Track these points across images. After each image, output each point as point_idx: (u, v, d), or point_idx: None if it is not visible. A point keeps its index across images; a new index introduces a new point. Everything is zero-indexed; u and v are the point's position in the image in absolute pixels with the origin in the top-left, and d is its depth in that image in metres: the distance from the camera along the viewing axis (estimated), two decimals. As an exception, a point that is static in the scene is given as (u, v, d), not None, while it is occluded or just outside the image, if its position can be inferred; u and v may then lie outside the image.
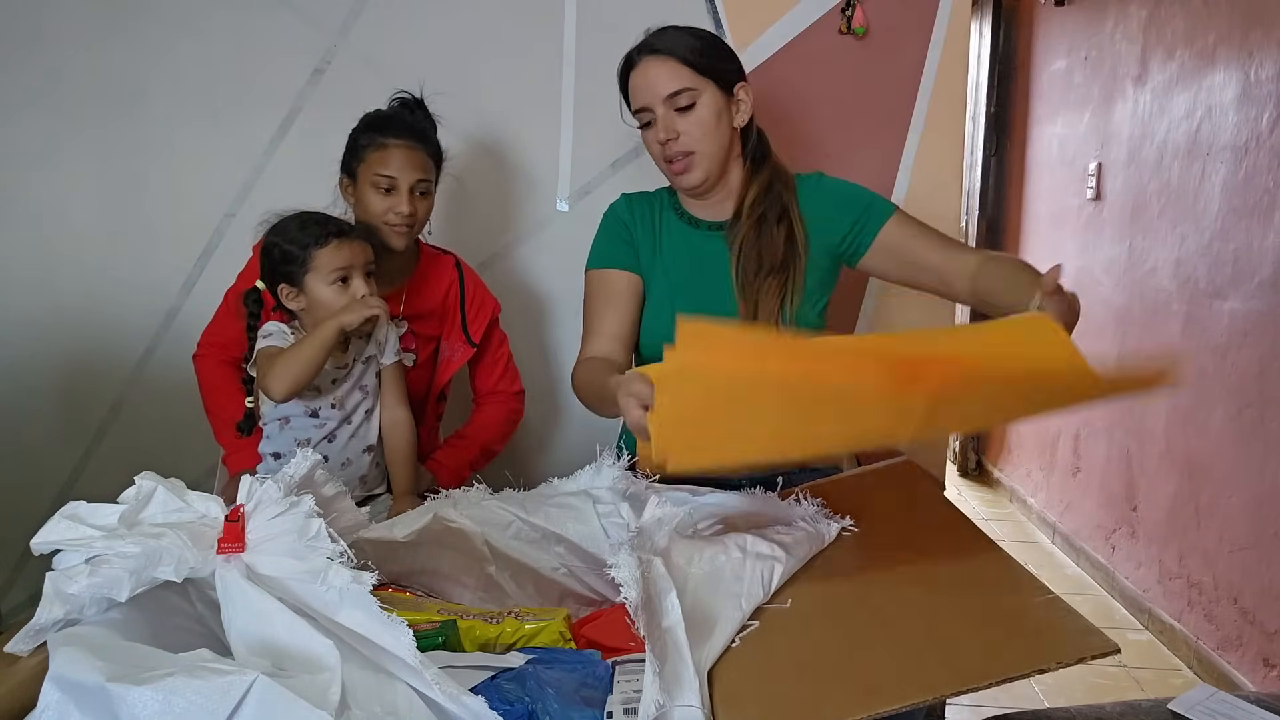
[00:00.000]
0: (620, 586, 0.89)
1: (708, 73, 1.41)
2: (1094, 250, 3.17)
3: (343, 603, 0.82)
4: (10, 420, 2.08)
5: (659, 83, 1.41)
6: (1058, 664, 0.82)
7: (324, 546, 0.86)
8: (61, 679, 0.75)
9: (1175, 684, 2.43)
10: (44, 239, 2.05)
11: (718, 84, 1.42)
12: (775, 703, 0.85)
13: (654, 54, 1.42)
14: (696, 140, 1.42)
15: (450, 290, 1.67)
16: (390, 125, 1.53)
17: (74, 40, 1.98)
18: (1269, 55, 2.26)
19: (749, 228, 1.45)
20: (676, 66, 1.40)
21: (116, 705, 0.72)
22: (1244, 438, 2.32)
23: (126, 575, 0.84)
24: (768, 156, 1.50)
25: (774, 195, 1.47)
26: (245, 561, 0.86)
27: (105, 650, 0.77)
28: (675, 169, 1.44)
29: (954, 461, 4.28)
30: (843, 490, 1.25)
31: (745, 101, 1.46)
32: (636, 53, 1.45)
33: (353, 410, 1.47)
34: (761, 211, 1.45)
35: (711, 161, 1.44)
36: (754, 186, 1.47)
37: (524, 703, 0.82)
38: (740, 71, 1.47)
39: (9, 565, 2.11)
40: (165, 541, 0.86)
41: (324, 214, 1.44)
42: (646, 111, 1.43)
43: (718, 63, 1.43)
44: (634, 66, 1.44)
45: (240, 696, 0.72)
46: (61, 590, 0.84)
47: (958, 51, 1.97)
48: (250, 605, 0.83)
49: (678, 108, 1.41)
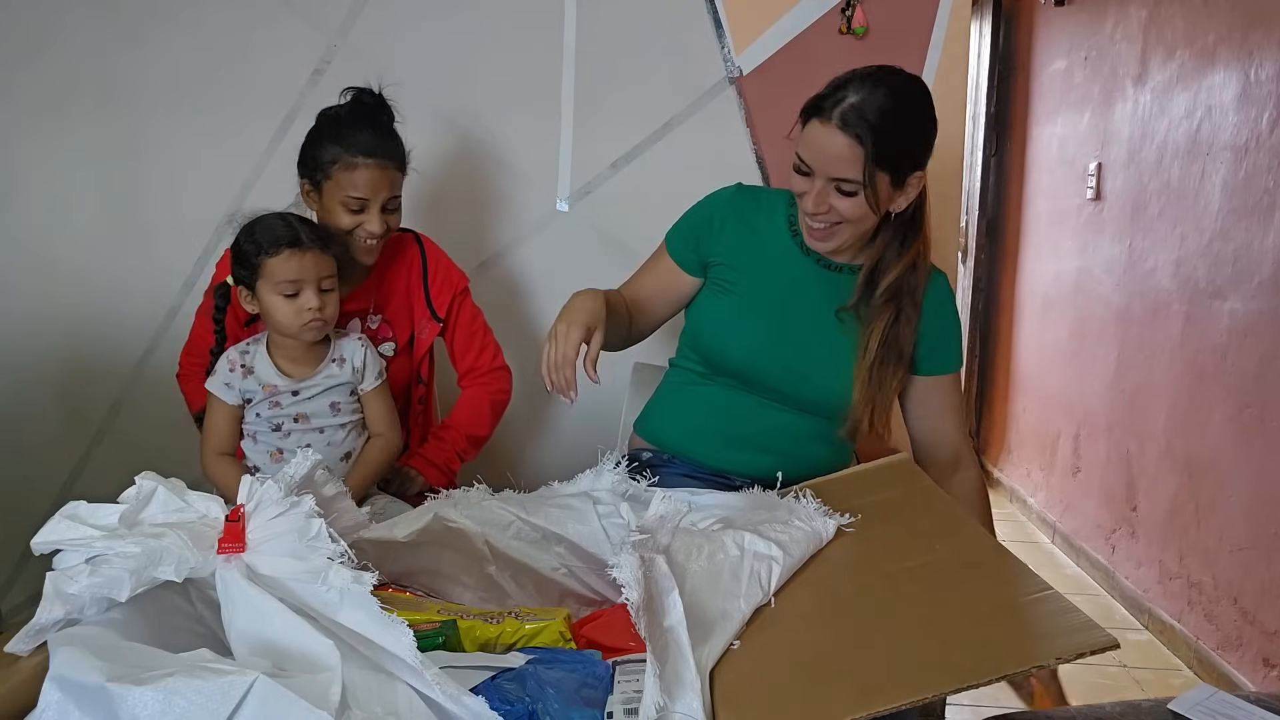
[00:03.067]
0: (622, 587, 0.89)
1: (886, 164, 1.28)
2: (1094, 250, 3.17)
3: (343, 603, 0.82)
4: (10, 420, 2.08)
5: (830, 161, 1.29)
6: (1057, 660, 0.83)
7: (324, 547, 0.86)
8: (62, 679, 0.76)
9: (1175, 684, 2.43)
10: (44, 239, 2.05)
11: (893, 175, 1.30)
12: (775, 703, 0.85)
13: (843, 127, 1.26)
14: (847, 218, 1.32)
15: (413, 266, 1.65)
16: (357, 138, 1.46)
17: (74, 40, 1.98)
18: (1269, 55, 2.26)
19: (890, 313, 1.37)
20: (855, 151, 1.26)
21: (117, 705, 0.72)
22: (1244, 438, 2.32)
23: (127, 575, 0.84)
24: (919, 233, 1.39)
25: (911, 283, 1.38)
26: (246, 562, 0.86)
27: (105, 650, 0.77)
28: (814, 233, 1.36)
29: (954, 461, 4.28)
30: (842, 489, 1.25)
31: (915, 190, 1.34)
32: (825, 108, 1.29)
33: (324, 426, 1.46)
34: (900, 303, 1.37)
35: (855, 238, 1.36)
36: (899, 265, 1.37)
37: (524, 703, 0.82)
38: (922, 158, 1.33)
39: (9, 565, 2.11)
40: (166, 541, 0.86)
41: (288, 218, 1.41)
42: (807, 167, 1.32)
43: (902, 151, 1.29)
44: (817, 116, 1.29)
45: (240, 697, 0.72)
46: (62, 590, 0.84)
47: (958, 51, 1.97)
48: (250, 605, 0.83)
49: (840, 190, 1.30)
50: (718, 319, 1.46)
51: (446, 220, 1.95)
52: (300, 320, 1.38)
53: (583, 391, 1.27)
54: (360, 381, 1.48)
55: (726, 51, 1.98)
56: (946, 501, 1.21)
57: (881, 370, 1.37)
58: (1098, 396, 3.12)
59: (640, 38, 1.96)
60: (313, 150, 1.50)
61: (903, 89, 1.30)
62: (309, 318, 1.38)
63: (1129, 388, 2.91)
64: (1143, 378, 2.83)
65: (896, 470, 1.31)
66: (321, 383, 1.45)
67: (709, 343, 1.46)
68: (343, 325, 1.56)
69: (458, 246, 1.76)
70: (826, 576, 1.05)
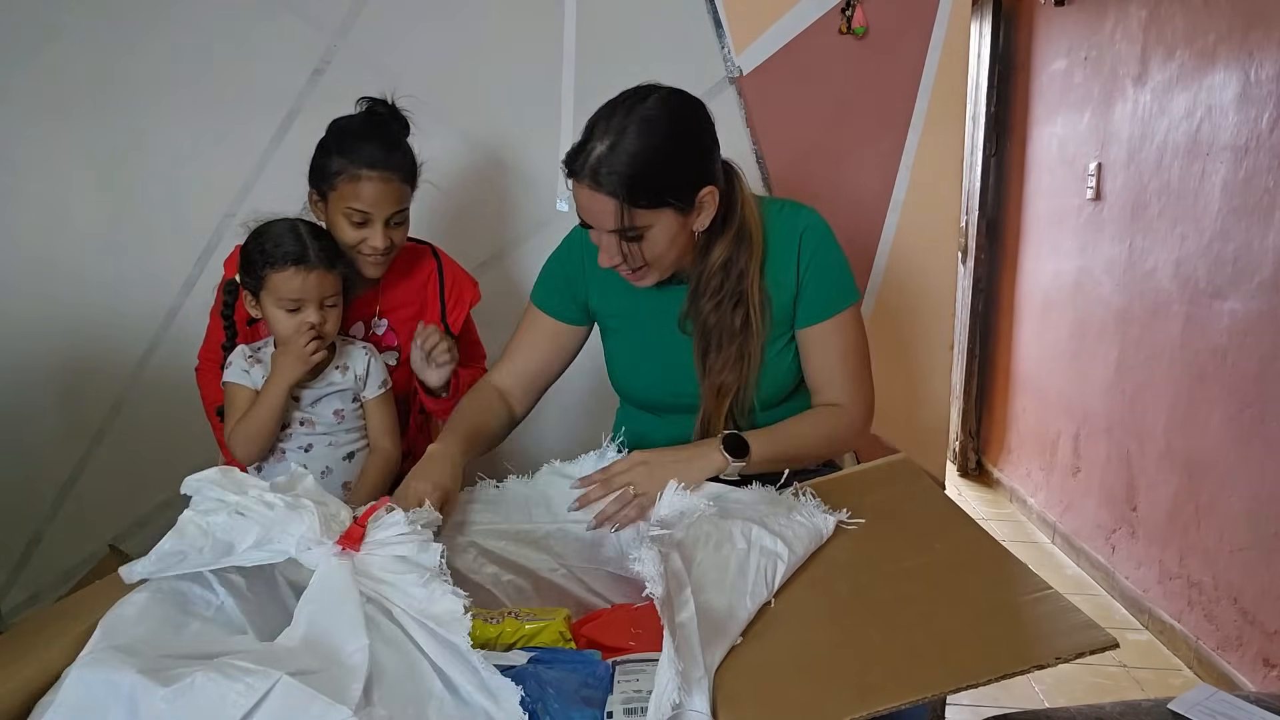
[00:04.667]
0: (646, 582, 0.90)
1: (657, 202, 1.22)
2: (1094, 250, 3.17)
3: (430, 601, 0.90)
4: (10, 420, 2.08)
5: (599, 218, 1.23)
6: (1057, 659, 0.82)
7: (432, 562, 0.94)
8: (87, 668, 0.77)
9: (1175, 684, 2.43)
10: (44, 239, 2.04)
11: (676, 205, 1.24)
12: (775, 702, 0.85)
13: (596, 188, 1.20)
14: (648, 261, 1.28)
15: (429, 281, 1.65)
16: (363, 150, 1.44)
17: (74, 40, 1.98)
18: (1269, 55, 2.26)
19: (709, 309, 1.33)
20: (617, 206, 1.20)
21: (139, 697, 0.74)
22: (1244, 438, 2.32)
23: (256, 529, 0.93)
24: (731, 214, 1.32)
25: (735, 269, 1.32)
26: (354, 559, 0.94)
27: (130, 644, 0.80)
28: (630, 279, 1.32)
29: (954, 461, 4.28)
30: (843, 487, 1.25)
31: (710, 203, 1.27)
32: (576, 167, 1.22)
33: (328, 428, 1.47)
34: (720, 297, 1.32)
35: (667, 270, 1.32)
36: (714, 253, 1.32)
37: (524, 702, 0.82)
38: (701, 175, 1.25)
39: (9, 565, 2.11)
40: (303, 512, 0.94)
41: (299, 230, 1.40)
42: (586, 224, 1.28)
43: (669, 184, 1.22)
44: (573, 177, 1.23)
45: (263, 694, 0.76)
46: (200, 524, 0.93)
47: (958, 51, 1.97)
48: (337, 594, 0.89)
49: (627, 238, 1.24)
50: (614, 366, 1.49)
51: (446, 220, 1.95)
52: (299, 336, 1.38)
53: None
54: (362, 389, 1.49)
55: (726, 51, 1.99)
56: (946, 501, 1.21)
57: (715, 363, 1.34)
58: (1098, 396, 3.12)
59: (640, 38, 1.96)
60: (320, 160, 1.49)
61: (652, 118, 1.21)
62: (307, 338, 1.38)
63: (1129, 388, 2.91)
64: (1143, 378, 2.83)
65: (896, 470, 1.31)
66: (322, 390, 1.45)
67: (618, 387, 1.51)
68: (346, 329, 1.56)
69: (457, 246, 1.76)
70: (826, 576, 1.05)
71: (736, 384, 1.35)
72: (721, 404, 1.36)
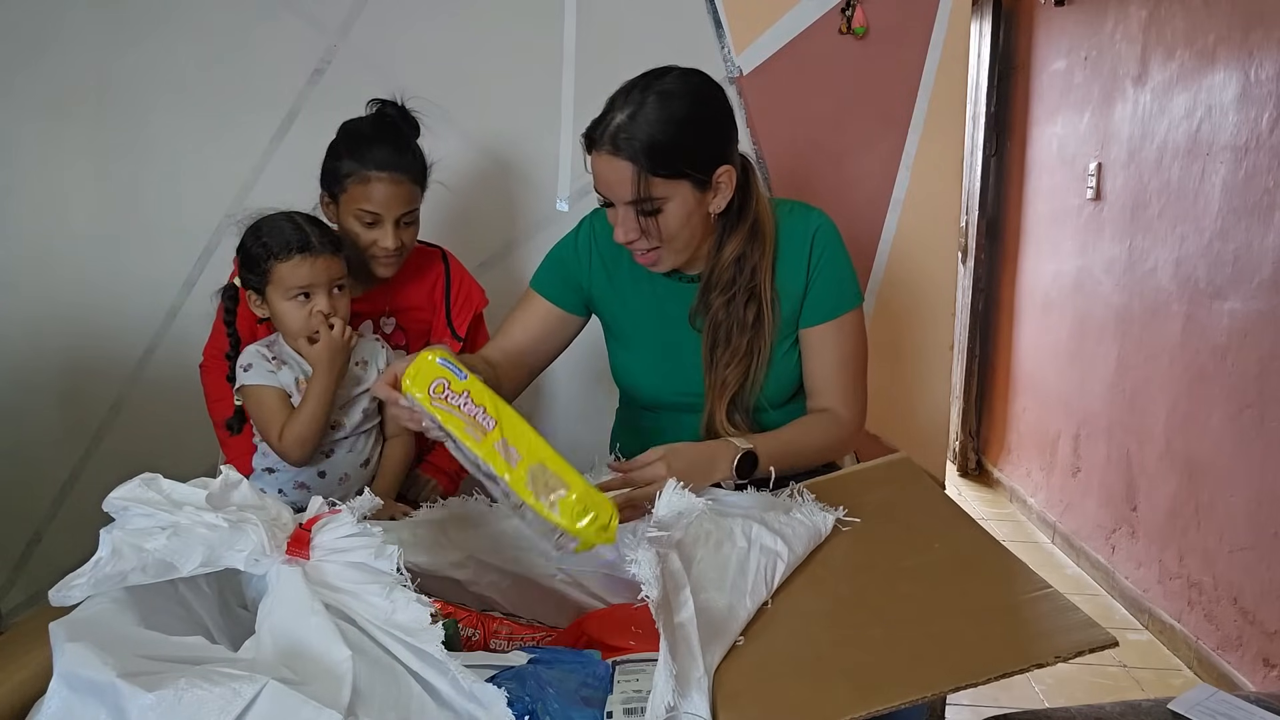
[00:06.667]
0: (642, 585, 0.89)
1: (675, 173, 1.23)
2: (1094, 250, 3.17)
3: (395, 611, 0.85)
4: (10, 420, 2.08)
5: (616, 188, 1.24)
6: (1056, 658, 0.82)
7: (389, 568, 0.88)
8: (70, 675, 0.76)
9: (1175, 684, 2.43)
10: (44, 239, 2.05)
11: (693, 180, 1.25)
12: (775, 702, 0.85)
13: (615, 153, 1.22)
14: (664, 239, 1.28)
15: (437, 284, 1.66)
16: (373, 151, 1.45)
17: (74, 41, 1.98)
18: (1269, 55, 2.26)
19: (720, 304, 1.34)
20: (635, 172, 1.21)
21: (125, 704, 0.73)
22: (1244, 438, 2.32)
23: (201, 549, 0.87)
24: (745, 206, 1.34)
25: (748, 265, 1.33)
26: (305, 568, 0.89)
27: (114, 647, 0.78)
28: (643, 261, 1.33)
29: (954, 461, 4.28)
30: (842, 487, 1.25)
31: (727, 184, 1.28)
32: (596, 136, 1.24)
33: (352, 430, 1.44)
34: (733, 292, 1.33)
35: (682, 253, 1.32)
36: (728, 248, 1.33)
37: (524, 703, 0.82)
38: (718, 152, 1.27)
39: (9, 565, 2.11)
40: (248, 529, 0.89)
41: (297, 220, 1.38)
42: (604, 199, 1.29)
43: (688, 154, 1.23)
44: (593, 147, 1.25)
45: (250, 699, 0.73)
46: (137, 545, 0.87)
47: (958, 51, 1.97)
48: (297, 603, 0.85)
49: (643, 212, 1.24)
50: (618, 365, 1.48)
51: (446, 220, 1.95)
52: (311, 326, 1.36)
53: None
54: None
55: (726, 51, 1.99)
56: (946, 501, 1.21)
57: (722, 359, 1.34)
58: (1098, 396, 3.12)
59: (640, 38, 1.96)
60: (331, 163, 1.50)
61: (672, 91, 1.23)
62: (340, 325, 1.36)
63: (1129, 388, 2.91)
64: (1143, 378, 2.83)
65: (896, 470, 1.31)
66: (352, 390, 1.43)
67: (622, 387, 1.50)
68: (355, 326, 1.55)
69: (458, 246, 1.76)
70: (826, 576, 1.05)
71: (742, 380, 1.36)
72: (725, 401, 1.36)
